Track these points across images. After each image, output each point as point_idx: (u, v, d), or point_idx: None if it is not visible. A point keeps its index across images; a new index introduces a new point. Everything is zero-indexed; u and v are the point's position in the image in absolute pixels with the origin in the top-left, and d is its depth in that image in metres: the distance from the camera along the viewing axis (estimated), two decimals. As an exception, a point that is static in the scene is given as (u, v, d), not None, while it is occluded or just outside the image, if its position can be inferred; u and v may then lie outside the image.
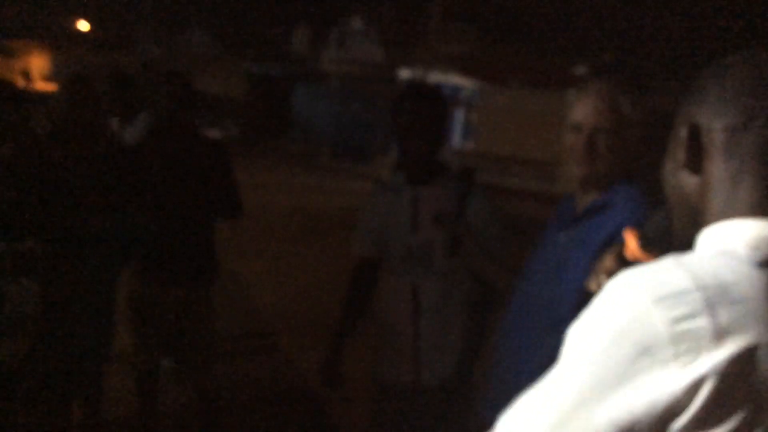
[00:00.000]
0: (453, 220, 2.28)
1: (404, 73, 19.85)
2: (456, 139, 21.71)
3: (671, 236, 1.11)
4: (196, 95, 2.98)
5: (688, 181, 0.99)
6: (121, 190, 2.82)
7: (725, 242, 0.90)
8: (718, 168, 0.95)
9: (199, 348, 2.99)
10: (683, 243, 1.00)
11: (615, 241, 1.77)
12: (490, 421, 1.00)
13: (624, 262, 1.21)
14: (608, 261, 1.28)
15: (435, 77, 19.76)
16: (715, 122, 0.95)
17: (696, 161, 0.97)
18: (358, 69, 19.40)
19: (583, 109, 1.85)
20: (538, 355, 1.71)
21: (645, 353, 0.79)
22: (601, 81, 1.92)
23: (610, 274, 1.19)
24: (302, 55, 19.80)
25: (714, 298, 0.79)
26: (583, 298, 1.10)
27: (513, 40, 14.42)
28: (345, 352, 2.50)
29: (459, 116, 21.71)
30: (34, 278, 2.58)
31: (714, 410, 0.78)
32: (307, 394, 4.08)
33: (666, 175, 1.05)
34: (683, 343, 0.77)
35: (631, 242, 1.22)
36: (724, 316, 0.78)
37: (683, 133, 0.99)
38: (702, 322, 0.77)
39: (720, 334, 0.77)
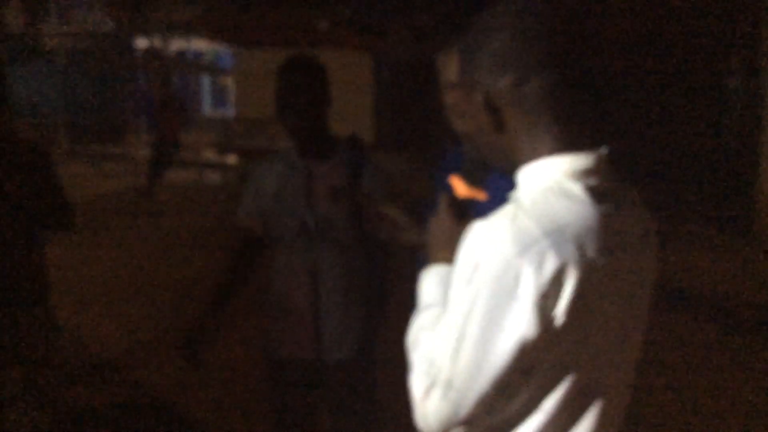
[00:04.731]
0: (351, 192, 2.22)
1: (141, 42, 18.57)
2: (206, 107, 20.97)
3: (485, 167, 1.25)
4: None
5: (500, 141, 1.08)
6: None
7: (546, 177, 1.02)
8: (516, 121, 1.04)
9: (44, 374, 2.61)
10: (501, 171, 1.14)
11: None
12: None
13: (457, 204, 1.29)
14: (444, 206, 1.30)
15: (176, 44, 18.77)
16: (498, 82, 1.02)
17: (499, 123, 1.06)
18: (86, 42, 17.71)
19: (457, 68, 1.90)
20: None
21: (517, 297, 0.94)
22: (463, 39, 1.96)
23: (452, 217, 1.26)
24: (17, 33, 17.52)
25: (557, 240, 0.95)
26: None
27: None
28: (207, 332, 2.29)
29: (206, 83, 20.96)
30: None
31: (571, 326, 0.97)
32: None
33: (475, 137, 1.12)
34: (546, 284, 0.94)
35: (459, 186, 1.31)
36: (567, 252, 0.95)
37: (478, 99, 1.06)
38: (554, 263, 0.95)
39: (566, 265, 0.95)
